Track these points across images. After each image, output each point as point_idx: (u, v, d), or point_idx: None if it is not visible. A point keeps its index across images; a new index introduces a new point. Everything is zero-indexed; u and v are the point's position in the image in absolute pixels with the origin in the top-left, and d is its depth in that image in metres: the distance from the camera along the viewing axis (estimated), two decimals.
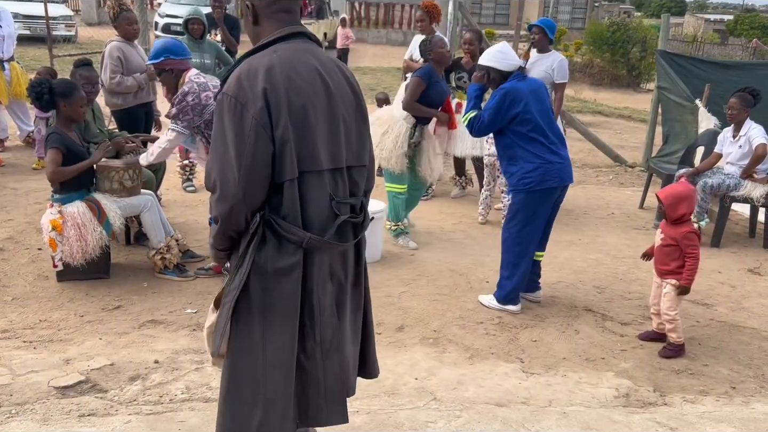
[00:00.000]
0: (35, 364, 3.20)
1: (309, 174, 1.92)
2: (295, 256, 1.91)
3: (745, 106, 5.53)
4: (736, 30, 43.50)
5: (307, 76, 1.91)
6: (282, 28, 1.97)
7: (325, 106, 1.95)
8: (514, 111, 3.91)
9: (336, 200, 1.97)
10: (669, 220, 3.75)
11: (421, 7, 6.21)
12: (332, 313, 2.01)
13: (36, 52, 13.79)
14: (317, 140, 1.92)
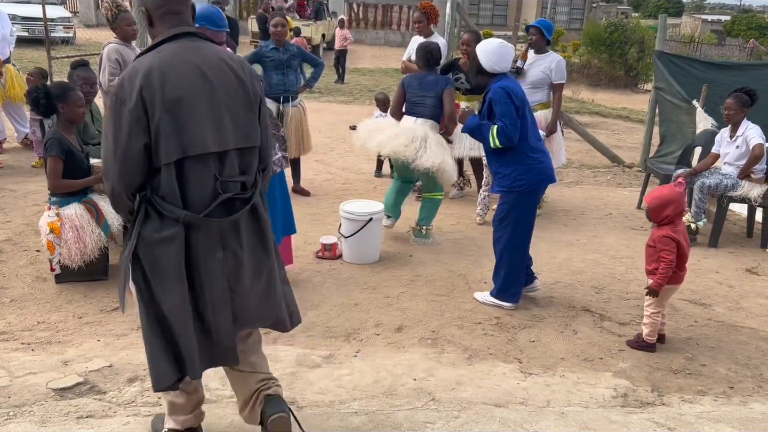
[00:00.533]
0: (33, 366, 3.20)
1: (190, 158, 2.15)
2: (174, 228, 2.17)
3: (741, 106, 5.54)
4: (733, 30, 43.55)
5: (185, 72, 2.15)
6: (171, 29, 2.23)
7: (206, 96, 2.18)
8: (516, 106, 3.91)
9: (222, 180, 2.21)
10: (653, 221, 3.78)
11: (418, 8, 6.22)
12: (222, 277, 2.26)
13: (34, 54, 13.80)
14: (196, 128, 2.15)
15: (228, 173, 2.24)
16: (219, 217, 2.22)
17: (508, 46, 4.09)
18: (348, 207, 4.86)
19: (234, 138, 2.24)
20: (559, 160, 6.20)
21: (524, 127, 3.96)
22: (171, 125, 2.11)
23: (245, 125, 2.29)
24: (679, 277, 3.79)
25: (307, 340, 3.66)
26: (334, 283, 4.46)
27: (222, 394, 3.08)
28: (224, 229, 2.26)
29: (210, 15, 3.89)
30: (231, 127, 2.23)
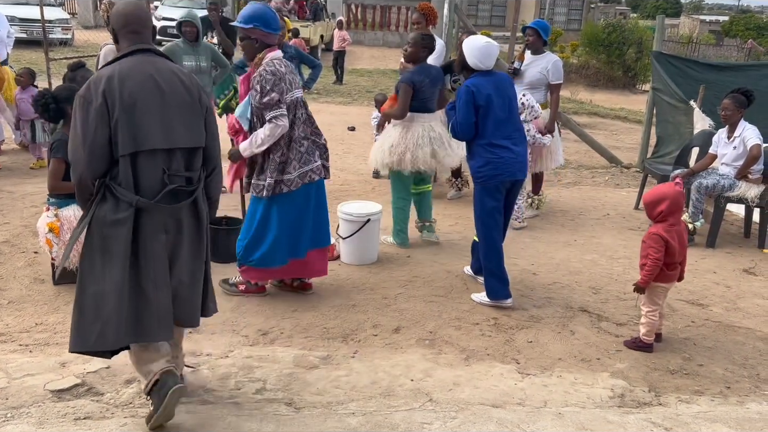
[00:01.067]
0: (31, 368, 3.20)
1: (142, 153, 2.55)
2: (127, 212, 2.55)
3: (738, 106, 5.55)
4: (731, 31, 43.60)
5: (140, 80, 2.56)
6: (131, 46, 2.65)
7: (157, 102, 2.58)
8: (478, 105, 4.08)
9: (169, 173, 2.60)
10: (649, 217, 3.84)
11: (417, 9, 6.23)
12: (164, 258, 2.63)
13: (32, 55, 13.79)
14: (148, 127, 2.55)
15: (175, 168, 2.64)
16: (166, 204, 2.61)
17: (494, 44, 4.21)
18: (346, 208, 4.86)
19: (181, 138, 2.63)
20: (556, 160, 6.21)
21: (489, 124, 4.11)
22: (127, 123, 2.51)
23: (191, 128, 2.68)
24: (670, 277, 3.80)
25: (304, 341, 3.66)
26: (332, 284, 4.46)
27: (220, 395, 3.09)
28: (167, 217, 2.63)
29: (263, 16, 3.72)
30: (178, 129, 2.62)
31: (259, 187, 3.87)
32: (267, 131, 3.71)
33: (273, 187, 3.81)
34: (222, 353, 3.47)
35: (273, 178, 3.81)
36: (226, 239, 4.73)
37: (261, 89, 3.68)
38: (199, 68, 5.95)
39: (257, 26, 3.72)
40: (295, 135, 3.84)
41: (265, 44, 3.77)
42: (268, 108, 3.68)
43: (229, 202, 6.08)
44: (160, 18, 17.74)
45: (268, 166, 3.82)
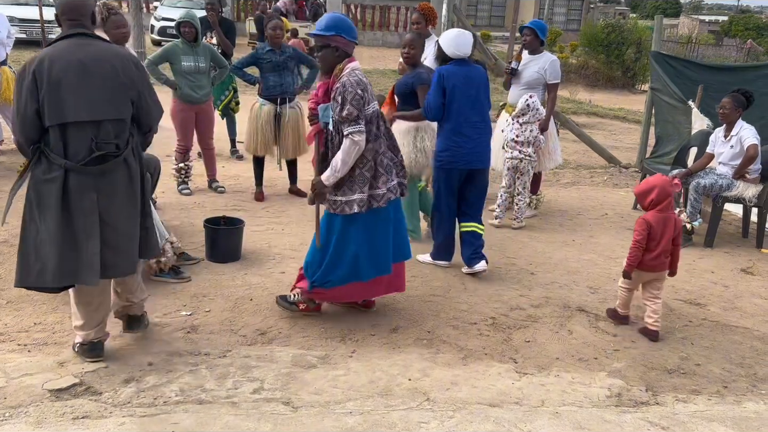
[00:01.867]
0: (29, 367, 3.21)
1: (71, 124, 2.95)
2: (57, 172, 2.96)
3: (737, 106, 5.55)
4: (731, 31, 43.63)
5: (67, 62, 2.93)
6: (68, 30, 3.03)
7: (81, 81, 2.94)
8: (446, 89, 4.44)
9: (97, 142, 2.99)
10: (642, 208, 4.04)
11: (417, 9, 6.23)
12: (94, 213, 3.01)
13: (32, 56, 13.79)
14: (72, 102, 2.92)
15: (103, 137, 3.02)
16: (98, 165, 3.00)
17: (466, 33, 4.62)
18: None
19: (104, 112, 3.00)
20: (555, 160, 6.23)
21: (453, 109, 4.48)
22: (53, 99, 2.91)
23: (115, 103, 3.04)
24: (655, 265, 3.92)
25: (302, 341, 3.67)
26: None
27: (218, 394, 3.09)
28: (98, 178, 3.01)
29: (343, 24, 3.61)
30: (102, 104, 2.99)
31: (343, 203, 3.65)
32: (344, 152, 3.53)
33: (366, 202, 3.63)
34: (220, 353, 3.48)
35: (365, 193, 3.62)
36: (225, 239, 4.74)
37: (342, 101, 3.50)
38: (197, 68, 5.96)
39: (339, 34, 3.58)
40: (381, 148, 3.68)
41: (345, 53, 3.63)
42: (346, 122, 3.50)
43: (228, 201, 6.10)
44: (159, 18, 17.77)
45: (356, 181, 3.62)
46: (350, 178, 3.63)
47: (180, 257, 4.53)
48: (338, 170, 3.57)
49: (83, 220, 3.01)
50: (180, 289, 4.22)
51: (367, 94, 3.57)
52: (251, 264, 4.71)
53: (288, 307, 3.95)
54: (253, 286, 4.35)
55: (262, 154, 6.17)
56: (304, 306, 3.92)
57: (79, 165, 2.97)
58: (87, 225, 3.01)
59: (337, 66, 3.62)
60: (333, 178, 3.60)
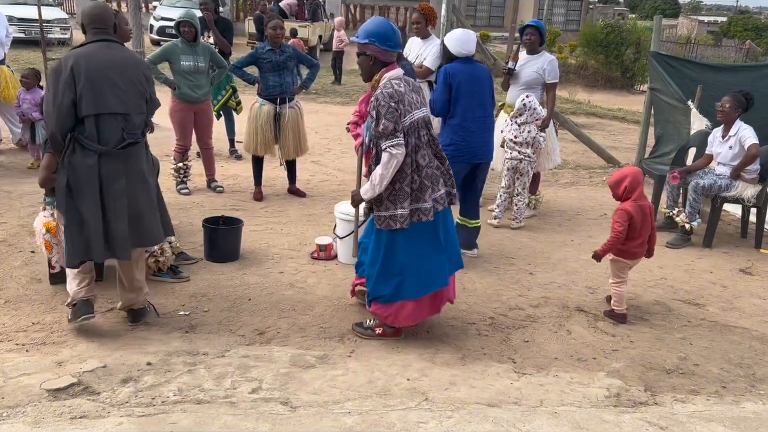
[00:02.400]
0: (27, 367, 3.20)
1: (103, 114, 3.32)
2: (92, 159, 3.32)
3: (736, 106, 5.55)
4: (729, 31, 43.66)
5: (101, 60, 3.34)
6: (94, 36, 3.43)
7: (114, 79, 3.34)
8: (452, 86, 4.61)
9: (126, 131, 3.39)
10: (617, 198, 4.22)
11: (417, 9, 6.23)
12: (123, 197, 3.39)
13: (31, 55, 13.79)
14: (105, 96, 3.31)
15: (130, 128, 3.41)
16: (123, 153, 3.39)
17: (471, 33, 4.81)
18: (343, 208, 4.87)
19: (133, 105, 3.42)
20: (554, 160, 6.22)
21: (458, 106, 4.66)
22: (89, 92, 3.27)
23: (139, 98, 3.47)
24: (635, 254, 4.17)
25: (301, 341, 3.67)
26: (329, 283, 4.47)
27: (216, 394, 3.09)
28: (124, 164, 3.39)
29: (378, 31, 3.48)
30: (131, 98, 3.40)
31: (387, 218, 3.52)
32: (382, 166, 3.40)
33: (409, 217, 3.49)
34: (218, 353, 3.47)
35: (405, 208, 3.47)
36: (223, 239, 4.74)
37: (376, 115, 3.37)
38: (197, 68, 5.96)
39: (373, 41, 3.44)
40: (424, 160, 3.51)
41: (382, 62, 3.49)
42: (383, 137, 3.37)
43: (227, 201, 6.09)
44: (158, 18, 17.74)
45: (397, 195, 3.47)
46: (391, 193, 3.49)
47: (178, 257, 4.53)
48: (376, 185, 3.44)
49: (113, 203, 3.38)
50: (178, 289, 4.22)
51: (402, 105, 3.39)
52: (250, 264, 4.71)
53: (364, 333, 3.78)
54: (251, 285, 4.34)
55: (261, 154, 6.17)
56: (380, 331, 3.75)
57: (111, 149, 3.34)
58: (117, 207, 3.38)
59: (374, 75, 3.51)
60: (371, 193, 3.48)
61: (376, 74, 3.51)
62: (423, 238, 3.57)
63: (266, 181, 6.50)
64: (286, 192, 6.49)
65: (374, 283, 3.64)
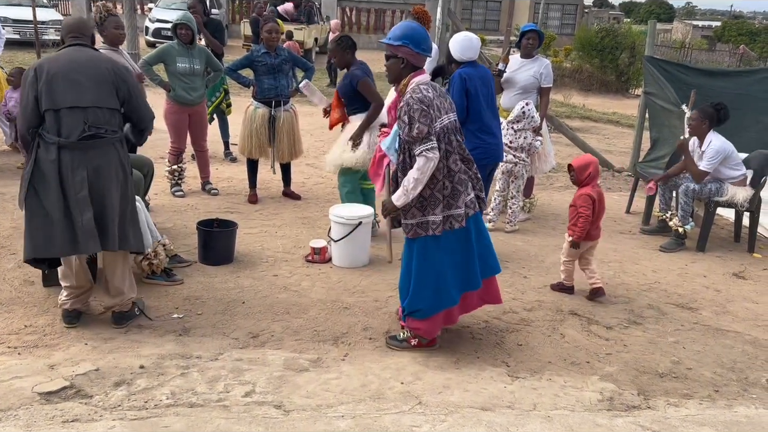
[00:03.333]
0: (19, 370, 3.19)
1: (63, 109, 3.40)
2: (53, 152, 3.38)
3: (703, 118, 5.56)
4: (723, 36, 43.88)
5: (63, 62, 3.46)
6: (68, 42, 3.61)
7: (72, 76, 3.43)
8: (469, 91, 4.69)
9: (88, 124, 3.42)
10: (578, 182, 4.48)
11: (411, 13, 6.24)
12: (83, 188, 3.39)
13: (25, 57, 13.75)
14: (61, 93, 3.40)
15: (93, 121, 3.44)
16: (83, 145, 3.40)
17: (474, 37, 4.87)
18: (338, 211, 4.87)
19: (91, 99, 3.44)
20: (549, 163, 6.23)
21: (477, 110, 4.76)
22: (48, 88, 3.40)
23: (102, 93, 3.49)
24: (593, 235, 4.52)
25: (295, 344, 3.66)
26: (323, 286, 4.46)
27: (209, 398, 3.08)
28: (89, 156, 3.41)
29: (413, 34, 3.46)
30: (88, 93, 3.44)
31: (414, 227, 3.48)
32: (418, 170, 3.33)
33: (442, 224, 3.44)
34: (212, 356, 3.46)
35: (438, 215, 3.43)
36: (217, 241, 4.73)
37: (409, 120, 3.31)
38: (192, 70, 5.95)
39: (406, 44, 3.41)
40: (456, 165, 3.47)
41: (413, 66, 3.46)
42: (417, 141, 3.30)
43: (221, 204, 6.08)
44: (154, 20, 17.72)
45: (428, 202, 3.43)
46: (421, 200, 3.43)
47: (172, 259, 4.52)
48: (410, 189, 3.36)
49: (75, 196, 3.38)
50: (172, 292, 4.21)
51: (432, 110, 3.34)
52: (244, 267, 4.70)
53: (399, 346, 3.71)
54: (245, 288, 4.34)
55: (256, 157, 6.17)
56: (416, 342, 3.69)
57: (71, 141, 3.37)
58: (80, 200, 3.38)
59: (402, 79, 3.48)
60: (404, 198, 3.40)
61: (405, 78, 3.47)
62: (456, 245, 3.52)
63: (261, 184, 6.50)
64: (281, 195, 6.49)
65: (411, 297, 3.57)
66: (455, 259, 3.53)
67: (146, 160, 5.01)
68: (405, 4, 22.89)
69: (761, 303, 4.72)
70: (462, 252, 3.54)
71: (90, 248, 3.45)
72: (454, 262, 3.53)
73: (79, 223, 3.39)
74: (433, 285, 3.51)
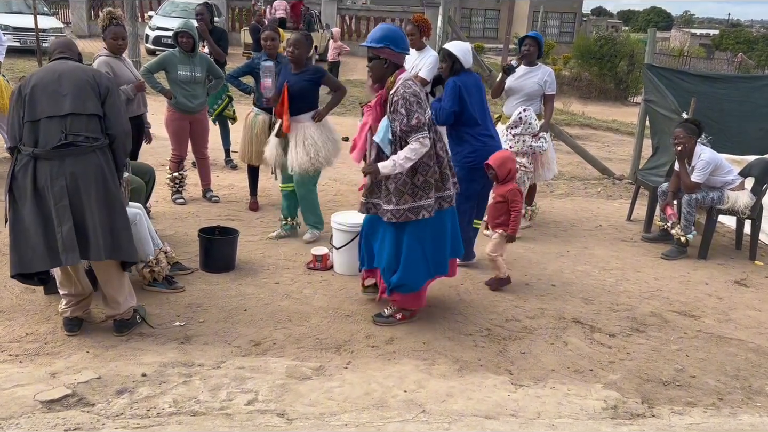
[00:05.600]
0: (21, 378, 3.17)
1: (42, 119, 3.37)
2: (26, 161, 3.34)
3: (691, 135, 5.64)
4: (722, 44, 44.05)
5: (44, 75, 3.47)
6: (54, 57, 3.67)
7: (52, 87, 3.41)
8: (464, 99, 4.66)
9: (66, 132, 3.35)
10: (500, 179, 4.59)
11: (411, 21, 6.26)
12: (62, 198, 3.32)
13: (26, 64, 13.77)
14: (40, 104, 3.38)
15: (71, 129, 3.37)
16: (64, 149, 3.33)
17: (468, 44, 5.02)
18: (339, 218, 4.86)
19: (69, 106, 3.38)
20: (552, 170, 6.23)
21: (474, 114, 4.73)
22: (29, 100, 3.41)
23: (78, 102, 3.41)
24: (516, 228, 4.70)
25: (297, 352, 3.65)
26: (325, 294, 4.45)
27: (211, 406, 3.07)
28: (69, 164, 3.33)
29: (393, 36, 3.76)
30: (66, 102, 3.39)
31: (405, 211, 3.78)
32: (412, 151, 3.66)
33: (434, 206, 3.81)
34: (214, 364, 3.45)
35: (431, 198, 3.79)
36: (219, 249, 4.72)
37: (407, 112, 3.64)
38: (194, 78, 5.95)
39: (388, 46, 3.72)
40: (441, 152, 3.85)
41: (395, 65, 3.77)
42: (414, 130, 3.65)
43: (222, 211, 6.08)
44: (154, 28, 17.75)
45: (420, 188, 3.77)
46: (413, 188, 3.77)
47: (174, 267, 4.51)
48: (398, 164, 3.68)
49: (55, 206, 3.32)
50: (174, 300, 4.19)
51: (423, 103, 3.70)
52: (245, 274, 4.69)
53: (386, 322, 4.03)
54: (247, 296, 4.32)
55: (256, 163, 6.16)
56: (400, 315, 4.06)
57: (46, 150, 3.32)
58: (59, 210, 3.32)
59: (388, 78, 3.77)
60: (389, 170, 3.71)
61: (389, 76, 3.77)
62: (440, 225, 3.92)
63: (262, 191, 6.49)
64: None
65: (399, 274, 3.90)
66: (437, 240, 3.95)
67: (147, 167, 5.00)
68: (405, 12, 22.95)
69: (764, 311, 4.72)
70: (441, 233, 3.96)
71: (70, 260, 3.36)
72: (436, 242, 3.95)
73: (59, 234, 3.32)
74: (421, 262, 3.91)
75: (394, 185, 3.77)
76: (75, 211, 3.36)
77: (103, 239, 3.41)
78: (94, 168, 3.41)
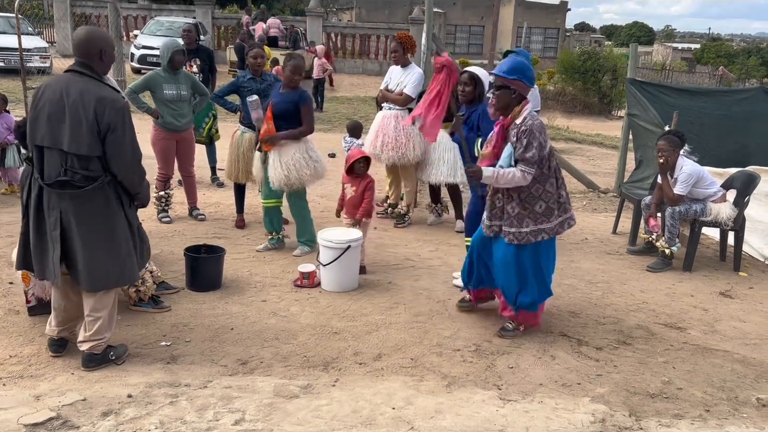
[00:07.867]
0: (4, 401, 3.13)
1: (45, 147, 3.31)
2: (36, 190, 3.37)
3: (674, 147, 5.71)
4: (703, 58, 44.68)
5: (52, 92, 3.31)
6: (73, 65, 3.41)
7: (56, 112, 3.28)
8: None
9: (65, 168, 3.29)
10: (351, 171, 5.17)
11: (395, 38, 6.32)
12: (56, 227, 3.35)
13: (10, 84, 13.71)
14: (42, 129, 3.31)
15: (70, 165, 3.29)
16: (58, 189, 3.31)
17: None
18: (326, 235, 4.86)
19: (68, 144, 3.25)
20: None
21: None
22: (33, 122, 3.34)
23: (79, 139, 3.25)
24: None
25: (284, 370, 3.63)
26: (312, 311, 4.44)
27: (198, 426, 3.04)
28: (64, 200, 3.31)
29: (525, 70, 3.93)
30: (63, 136, 3.26)
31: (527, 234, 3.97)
32: (512, 177, 3.86)
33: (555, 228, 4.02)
34: (201, 384, 3.42)
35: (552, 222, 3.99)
36: (205, 267, 4.69)
37: (527, 144, 3.84)
38: (180, 96, 5.96)
39: (520, 78, 3.89)
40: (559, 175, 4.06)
41: (522, 96, 3.94)
42: (526, 162, 3.85)
43: (208, 229, 6.05)
44: (139, 47, 17.76)
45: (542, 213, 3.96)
46: (535, 215, 3.96)
47: (159, 286, 4.48)
48: (498, 181, 3.90)
49: (50, 231, 3.39)
50: (159, 319, 4.16)
51: (545, 136, 3.93)
52: (232, 292, 4.67)
53: (513, 334, 4.21)
54: (234, 315, 4.30)
55: (243, 181, 6.16)
56: (523, 327, 4.25)
57: (45, 184, 3.32)
58: (52, 237, 3.38)
59: (513, 107, 3.94)
60: (490, 181, 3.93)
61: (516, 106, 3.93)
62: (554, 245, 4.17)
63: (248, 209, 6.48)
64: None
65: (523, 294, 4.11)
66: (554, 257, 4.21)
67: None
68: (390, 30, 23.12)
69: (748, 321, 4.76)
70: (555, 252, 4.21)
71: (51, 278, 3.44)
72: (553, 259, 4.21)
73: (51, 253, 3.39)
74: (544, 281, 4.15)
75: (516, 212, 3.98)
76: (65, 242, 3.38)
77: (87, 274, 3.40)
78: (92, 207, 3.36)
